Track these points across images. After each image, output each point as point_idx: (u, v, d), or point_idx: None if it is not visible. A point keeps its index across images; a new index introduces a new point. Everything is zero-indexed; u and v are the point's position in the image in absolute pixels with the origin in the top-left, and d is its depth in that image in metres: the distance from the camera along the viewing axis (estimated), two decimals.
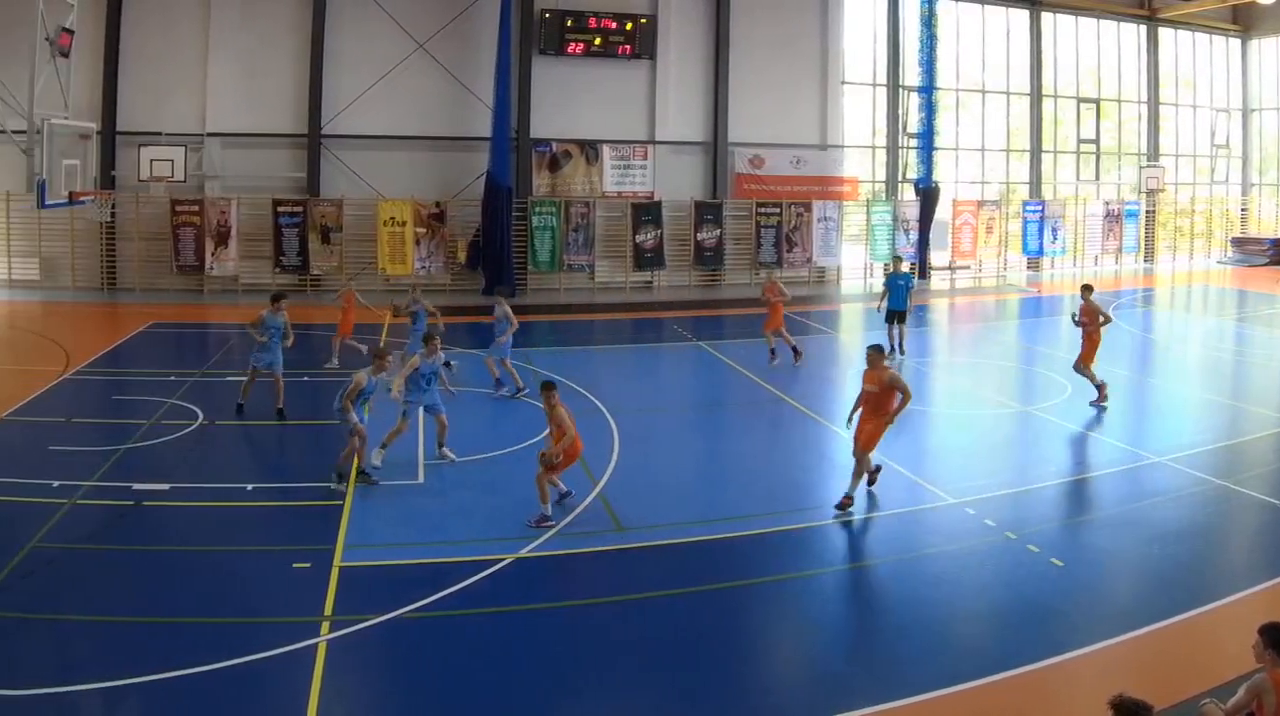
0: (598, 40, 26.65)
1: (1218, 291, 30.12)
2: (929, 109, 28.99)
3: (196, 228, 24.39)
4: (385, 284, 24.82)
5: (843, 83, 29.90)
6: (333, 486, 10.66)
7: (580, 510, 10.22)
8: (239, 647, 7.19)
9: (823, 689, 7.10)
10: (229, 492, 10.54)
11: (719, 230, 27.94)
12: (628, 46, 26.84)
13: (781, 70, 28.87)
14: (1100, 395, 14.68)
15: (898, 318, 18.48)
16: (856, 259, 30.47)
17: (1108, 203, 34.06)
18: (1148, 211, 34.80)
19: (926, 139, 29.11)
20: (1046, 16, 32.77)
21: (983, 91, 32.59)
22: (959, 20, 31.50)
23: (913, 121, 29.73)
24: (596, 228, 26.90)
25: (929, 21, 28.74)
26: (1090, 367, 14.80)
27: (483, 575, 8.64)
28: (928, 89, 28.98)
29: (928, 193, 29.19)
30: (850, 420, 10.72)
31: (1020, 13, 32.42)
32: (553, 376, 11.75)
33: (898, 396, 10.30)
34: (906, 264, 25.97)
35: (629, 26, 26.75)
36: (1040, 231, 32.20)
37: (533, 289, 26.58)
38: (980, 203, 31.59)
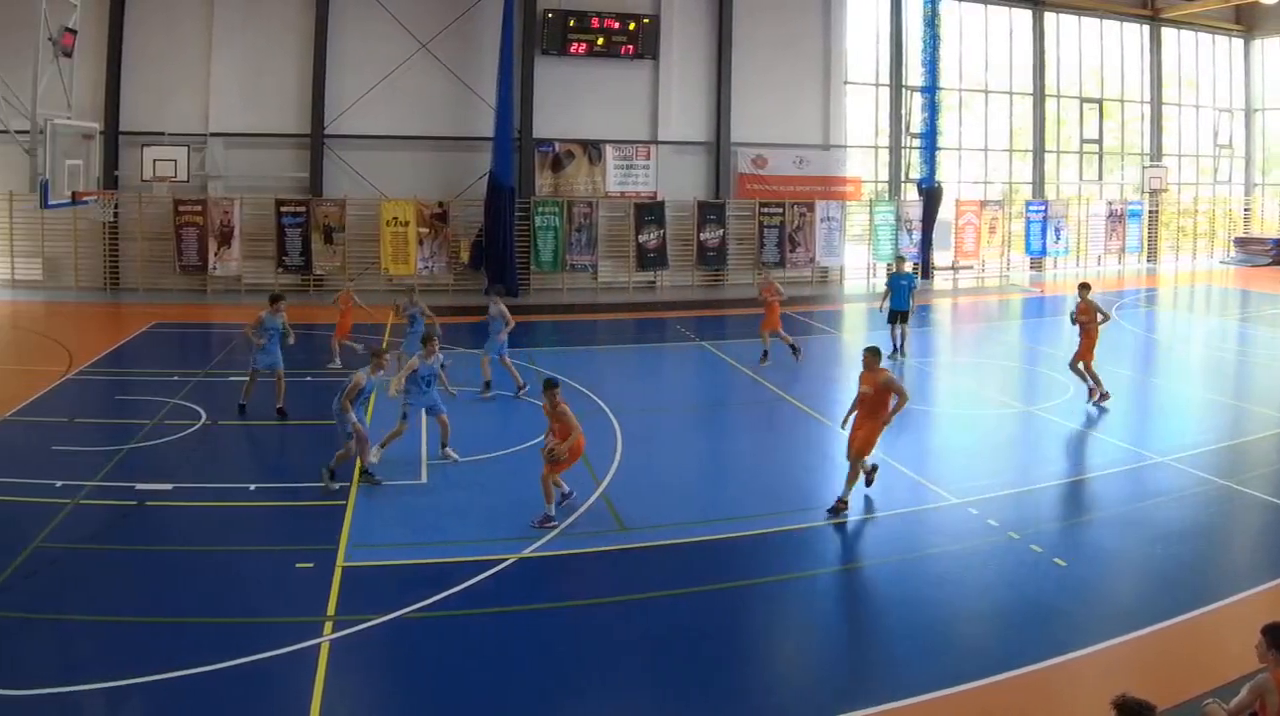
0: (600, 40, 26.65)
1: (1220, 291, 30.08)
2: (932, 109, 28.96)
3: (199, 228, 24.43)
4: (388, 284, 24.86)
5: (846, 83, 29.90)
6: (324, 484, 10.65)
7: (583, 510, 10.22)
8: (242, 647, 7.20)
9: (825, 688, 7.10)
10: (232, 492, 10.55)
11: (722, 230, 27.94)
12: (630, 46, 26.83)
13: (784, 70, 28.86)
14: (1097, 394, 14.64)
15: (900, 318, 18.48)
16: (859, 259, 30.51)
17: (1110, 203, 34.03)
18: (1150, 211, 34.75)
19: (929, 139, 29.07)
20: (1049, 16, 32.73)
21: (986, 91, 32.56)
22: (962, 20, 31.48)
23: (916, 121, 29.67)
24: (599, 228, 26.91)
25: (932, 21, 28.70)
26: (1090, 366, 14.75)
27: (486, 575, 8.64)
28: (931, 89, 28.94)
29: (931, 193, 29.16)
30: (845, 422, 10.70)
31: (1023, 12, 32.38)
32: (556, 376, 11.72)
33: (893, 399, 10.23)
34: (909, 264, 25.92)
35: (631, 26, 26.74)
36: (1043, 231, 32.19)
37: (536, 289, 26.58)
38: (983, 203, 31.58)
